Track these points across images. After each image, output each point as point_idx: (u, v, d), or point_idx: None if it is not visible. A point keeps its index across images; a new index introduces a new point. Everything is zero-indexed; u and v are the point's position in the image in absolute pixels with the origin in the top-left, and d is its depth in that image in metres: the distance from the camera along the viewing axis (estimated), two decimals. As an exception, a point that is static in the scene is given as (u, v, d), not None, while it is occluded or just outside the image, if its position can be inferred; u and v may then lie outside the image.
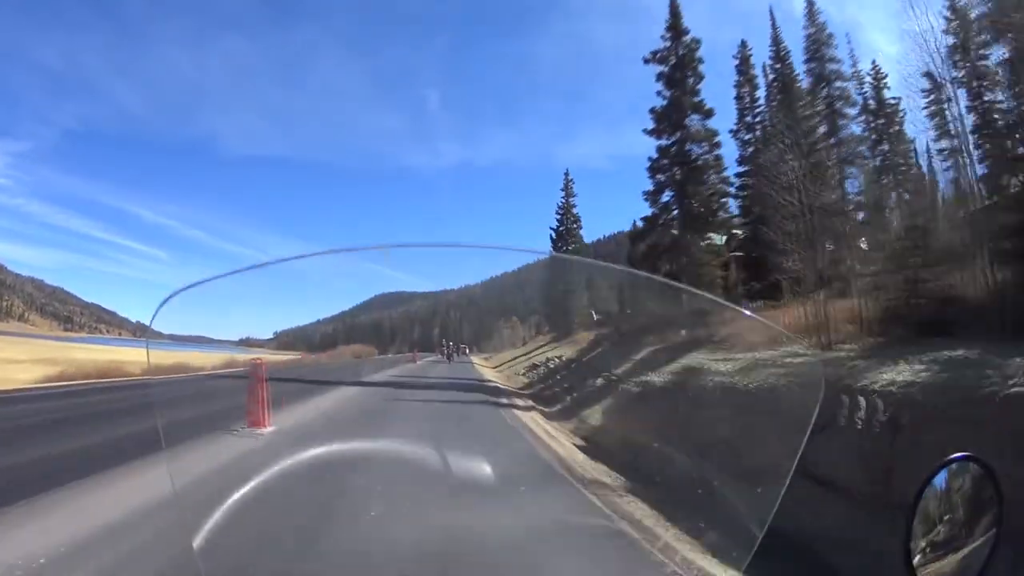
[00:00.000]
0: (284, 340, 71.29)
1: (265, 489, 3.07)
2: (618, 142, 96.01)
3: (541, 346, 32.51)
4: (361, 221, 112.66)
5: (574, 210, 33.97)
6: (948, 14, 12.12)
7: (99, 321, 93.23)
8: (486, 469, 3.91)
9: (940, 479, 1.30)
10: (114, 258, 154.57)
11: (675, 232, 19.85)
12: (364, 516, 3.85)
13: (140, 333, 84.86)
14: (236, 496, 2.87)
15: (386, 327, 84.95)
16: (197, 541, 2.21)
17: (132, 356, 21.43)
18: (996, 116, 11.95)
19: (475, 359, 43.99)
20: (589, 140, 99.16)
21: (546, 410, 13.89)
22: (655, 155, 20.45)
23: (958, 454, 1.31)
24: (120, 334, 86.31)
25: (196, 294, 1.87)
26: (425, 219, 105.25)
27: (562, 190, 34.32)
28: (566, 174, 35.00)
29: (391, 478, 4.29)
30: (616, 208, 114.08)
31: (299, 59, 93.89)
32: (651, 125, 20.50)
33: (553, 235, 33.43)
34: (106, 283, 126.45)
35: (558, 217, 33.65)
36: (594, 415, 11.89)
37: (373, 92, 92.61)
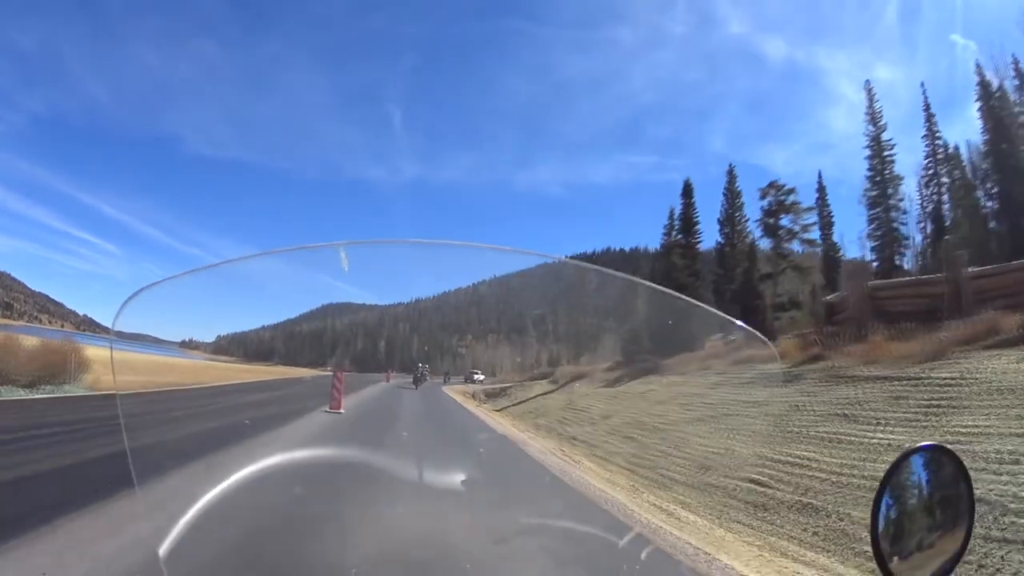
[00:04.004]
0: (220, 345, 67.43)
1: None
2: (575, 170, 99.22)
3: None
4: (317, 231, 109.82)
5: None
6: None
7: (42, 311, 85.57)
8: None
9: (905, 469, 1.20)
10: (68, 249, 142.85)
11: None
12: None
13: (85, 327, 78.62)
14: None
15: (328, 338, 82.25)
16: (163, 548, 1.97)
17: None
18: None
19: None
20: (547, 167, 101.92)
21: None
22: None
23: (925, 443, 1.21)
24: (63, 326, 79.46)
25: (145, 293, 1.80)
26: (380, 233, 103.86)
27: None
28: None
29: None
30: (572, 235, 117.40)
31: (267, 66, 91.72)
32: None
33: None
34: (56, 274, 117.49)
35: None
36: None
37: (336, 105, 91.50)
